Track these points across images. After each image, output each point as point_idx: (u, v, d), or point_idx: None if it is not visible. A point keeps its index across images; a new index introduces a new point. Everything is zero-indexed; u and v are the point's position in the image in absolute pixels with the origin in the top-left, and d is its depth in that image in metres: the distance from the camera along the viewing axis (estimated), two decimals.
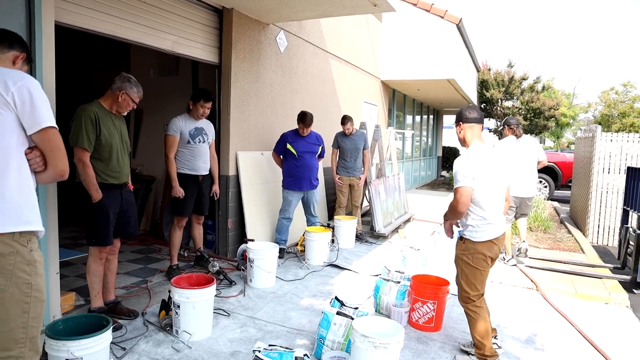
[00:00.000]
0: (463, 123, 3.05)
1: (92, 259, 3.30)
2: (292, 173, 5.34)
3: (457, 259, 3.06)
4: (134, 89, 3.26)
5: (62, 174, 1.94)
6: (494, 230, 2.94)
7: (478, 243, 2.93)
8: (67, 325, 2.64)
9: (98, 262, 3.31)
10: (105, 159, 3.21)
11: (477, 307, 2.97)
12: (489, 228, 2.93)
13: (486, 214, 2.92)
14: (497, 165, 2.98)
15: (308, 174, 5.36)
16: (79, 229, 6.04)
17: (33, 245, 1.86)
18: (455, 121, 3.15)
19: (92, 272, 3.31)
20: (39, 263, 1.87)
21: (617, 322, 3.98)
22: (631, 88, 28.04)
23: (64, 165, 1.91)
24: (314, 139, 5.46)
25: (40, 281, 1.87)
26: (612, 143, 7.53)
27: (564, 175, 12.23)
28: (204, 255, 4.67)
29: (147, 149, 6.46)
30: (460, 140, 3.12)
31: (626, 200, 5.64)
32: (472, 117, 3.03)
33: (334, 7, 4.86)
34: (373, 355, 2.53)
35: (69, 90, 6.16)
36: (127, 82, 3.23)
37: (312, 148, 5.42)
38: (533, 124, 17.39)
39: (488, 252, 2.94)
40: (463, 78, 11.43)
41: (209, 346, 3.13)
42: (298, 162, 5.31)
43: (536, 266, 5.49)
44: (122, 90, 3.21)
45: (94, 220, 3.19)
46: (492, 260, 2.99)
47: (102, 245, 3.27)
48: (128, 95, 3.23)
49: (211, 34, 4.92)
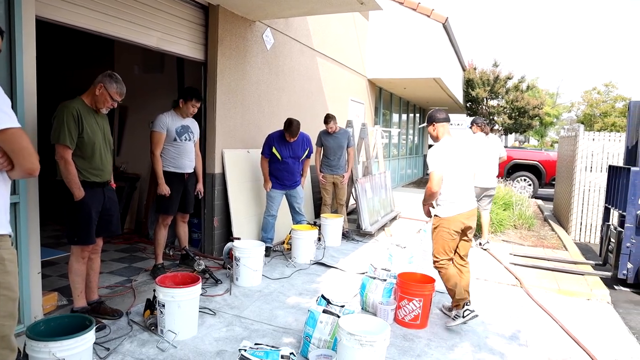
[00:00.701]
0: (436, 123, 3.69)
1: (74, 258, 3.25)
2: (275, 175, 5.36)
3: (431, 231, 3.71)
4: (114, 84, 3.15)
5: (30, 173, 1.90)
6: (457, 209, 3.56)
7: (444, 218, 3.57)
8: (48, 326, 2.59)
9: (80, 261, 3.26)
10: (87, 156, 3.15)
11: (445, 268, 3.61)
12: (453, 207, 3.56)
13: (451, 195, 3.56)
14: (463, 155, 3.63)
15: (288, 178, 5.38)
16: (61, 227, 5.94)
17: (3, 242, 1.83)
18: (427, 122, 3.77)
19: (75, 272, 3.26)
20: (9, 261, 1.84)
21: (599, 318, 4.05)
22: (613, 88, 28.52)
23: (31, 164, 1.88)
24: (300, 144, 5.40)
25: (11, 279, 1.84)
26: (594, 142, 7.65)
27: (548, 174, 12.41)
28: (190, 254, 4.63)
29: (132, 146, 6.38)
30: (434, 137, 3.75)
31: (607, 198, 5.73)
32: (442, 117, 3.69)
33: (321, 5, 4.84)
34: (359, 353, 2.54)
35: (50, 87, 6.05)
36: (107, 77, 3.14)
37: (297, 153, 5.38)
38: (518, 123, 17.61)
39: (453, 226, 3.56)
40: (449, 77, 11.51)
41: (195, 345, 3.11)
42: (281, 165, 5.31)
43: (520, 263, 5.56)
44: (100, 83, 3.12)
45: (76, 218, 3.14)
46: (458, 233, 3.60)
47: (84, 244, 3.22)
48: (106, 89, 3.13)
49: (197, 31, 4.87)
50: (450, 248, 3.62)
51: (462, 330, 3.60)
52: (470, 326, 3.67)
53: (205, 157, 5.10)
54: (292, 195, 5.52)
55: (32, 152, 1.88)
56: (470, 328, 3.64)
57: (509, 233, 7.50)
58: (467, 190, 3.64)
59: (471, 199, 3.66)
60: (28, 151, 1.86)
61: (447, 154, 3.54)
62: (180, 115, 4.37)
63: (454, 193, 3.56)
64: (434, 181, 3.48)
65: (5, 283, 1.80)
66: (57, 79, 6.71)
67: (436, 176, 3.49)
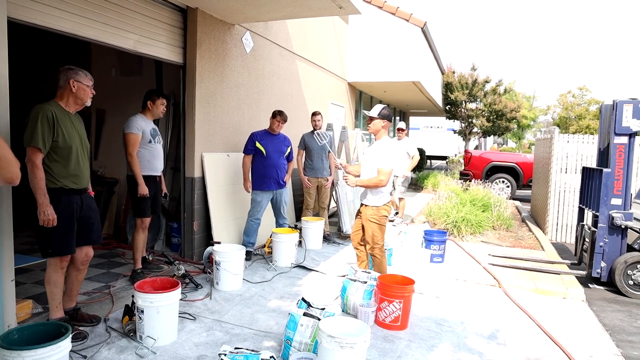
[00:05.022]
0: (389, 122, 4.18)
1: (51, 269, 3.12)
2: (260, 173, 5.31)
3: (367, 222, 4.12)
4: (80, 73, 3.10)
5: (9, 182, 1.83)
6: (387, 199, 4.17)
7: (381, 207, 4.10)
8: (22, 335, 2.53)
9: (59, 272, 3.15)
10: (64, 161, 3.05)
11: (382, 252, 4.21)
12: (387, 196, 4.15)
13: (388, 187, 4.14)
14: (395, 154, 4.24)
15: (275, 174, 5.34)
16: (35, 235, 5.81)
17: None
18: (381, 117, 4.12)
19: (53, 283, 3.14)
20: None
21: (574, 316, 4.15)
22: (587, 92, 29.18)
23: (10, 173, 1.81)
24: (282, 139, 5.46)
25: None
26: (568, 144, 7.83)
27: (525, 176, 12.63)
28: (169, 258, 4.58)
29: (109, 150, 6.28)
30: (375, 131, 4.18)
31: (581, 199, 5.87)
32: (391, 116, 4.22)
33: (300, 8, 4.86)
34: (339, 355, 2.55)
35: (23, 90, 5.92)
36: (71, 72, 3.08)
37: (281, 148, 5.41)
38: (496, 126, 17.88)
39: (385, 212, 4.12)
40: (428, 80, 11.65)
41: (174, 351, 3.07)
42: (266, 161, 5.29)
43: (499, 264, 5.65)
44: (70, 79, 3.05)
45: (52, 229, 2.98)
46: (386, 218, 4.16)
47: (62, 255, 3.11)
48: (79, 82, 3.08)
49: (175, 34, 4.83)
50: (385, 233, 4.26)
51: (441, 330, 3.64)
52: (449, 326, 3.71)
53: (185, 161, 5.06)
54: (278, 199, 5.50)
55: (11, 160, 1.81)
56: (449, 328, 3.68)
57: (487, 234, 7.61)
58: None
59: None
60: (6, 160, 1.79)
61: (394, 153, 4.13)
62: (150, 118, 4.40)
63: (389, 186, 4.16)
64: (388, 177, 4.01)
65: None
66: (30, 82, 6.56)
67: (388, 172, 4.02)
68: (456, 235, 7.30)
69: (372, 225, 4.10)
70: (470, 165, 13.37)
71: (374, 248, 4.15)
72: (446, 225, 7.47)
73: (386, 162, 4.02)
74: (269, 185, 5.33)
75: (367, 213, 4.13)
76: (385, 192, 4.11)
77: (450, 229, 7.37)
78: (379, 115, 4.11)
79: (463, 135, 19.30)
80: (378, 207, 4.09)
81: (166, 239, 5.73)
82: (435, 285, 4.77)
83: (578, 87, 30.29)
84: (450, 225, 7.42)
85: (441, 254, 5.69)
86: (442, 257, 5.70)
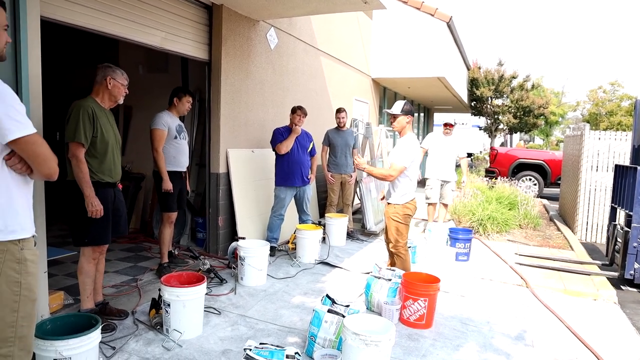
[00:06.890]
0: (412, 117, 4.07)
1: (84, 259, 3.23)
2: (284, 169, 5.32)
3: (389, 220, 4.07)
4: (117, 72, 3.22)
5: (48, 178, 1.89)
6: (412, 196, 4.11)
7: (404, 205, 4.02)
8: (55, 325, 2.61)
9: (91, 262, 3.25)
10: (100, 156, 3.15)
11: (406, 250, 4.16)
12: (410, 194, 4.07)
13: (412, 185, 4.07)
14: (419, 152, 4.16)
15: (299, 170, 5.35)
16: (67, 227, 5.96)
17: (25, 243, 1.83)
18: (404, 113, 4.01)
19: (85, 273, 3.24)
20: (31, 262, 1.84)
21: (605, 318, 4.02)
22: (619, 87, 28.33)
23: (49, 169, 1.86)
24: (305, 135, 5.46)
25: (31, 280, 1.84)
26: (600, 141, 7.60)
27: (553, 173, 12.34)
28: (194, 253, 4.64)
29: (137, 146, 6.40)
30: (399, 129, 4.07)
31: (614, 198, 5.69)
32: (413, 111, 4.10)
33: (325, 4, 4.84)
34: (364, 352, 2.53)
35: (55, 87, 6.08)
36: (109, 69, 3.19)
37: (304, 143, 5.41)
38: (522, 122, 17.54)
39: (409, 211, 4.04)
40: (453, 76, 11.47)
41: (200, 345, 3.11)
42: (290, 157, 5.30)
43: (526, 263, 5.53)
44: (107, 76, 3.16)
45: (89, 219, 3.08)
46: (410, 216, 4.09)
47: (98, 245, 3.22)
48: (115, 80, 3.19)
49: (201, 31, 4.87)
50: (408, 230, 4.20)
51: (467, 330, 3.58)
52: (475, 326, 3.65)
53: (210, 157, 5.11)
54: (301, 195, 5.52)
55: (49, 157, 1.85)
56: (475, 328, 3.63)
57: (514, 233, 7.47)
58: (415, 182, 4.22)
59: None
60: (44, 157, 1.83)
61: (413, 151, 3.98)
62: (176, 114, 4.46)
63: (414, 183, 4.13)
64: (397, 172, 3.92)
65: (26, 284, 1.80)
66: (61, 79, 6.73)
67: (400, 169, 3.92)
68: (482, 233, 7.18)
69: (393, 223, 4.06)
70: (496, 163, 13.13)
71: (397, 246, 4.11)
72: (471, 223, 7.35)
73: (400, 159, 3.95)
74: (293, 182, 5.34)
75: (390, 211, 4.10)
76: (409, 190, 4.04)
77: (476, 227, 7.25)
78: (402, 112, 4.03)
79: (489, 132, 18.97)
80: (400, 205, 4.03)
81: (191, 234, 5.81)
82: (461, 284, 4.70)
83: (609, 82, 29.39)
84: (476, 224, 7.30)
85: (466, 252, 5.60)
86: (468, 256, 5.62)
